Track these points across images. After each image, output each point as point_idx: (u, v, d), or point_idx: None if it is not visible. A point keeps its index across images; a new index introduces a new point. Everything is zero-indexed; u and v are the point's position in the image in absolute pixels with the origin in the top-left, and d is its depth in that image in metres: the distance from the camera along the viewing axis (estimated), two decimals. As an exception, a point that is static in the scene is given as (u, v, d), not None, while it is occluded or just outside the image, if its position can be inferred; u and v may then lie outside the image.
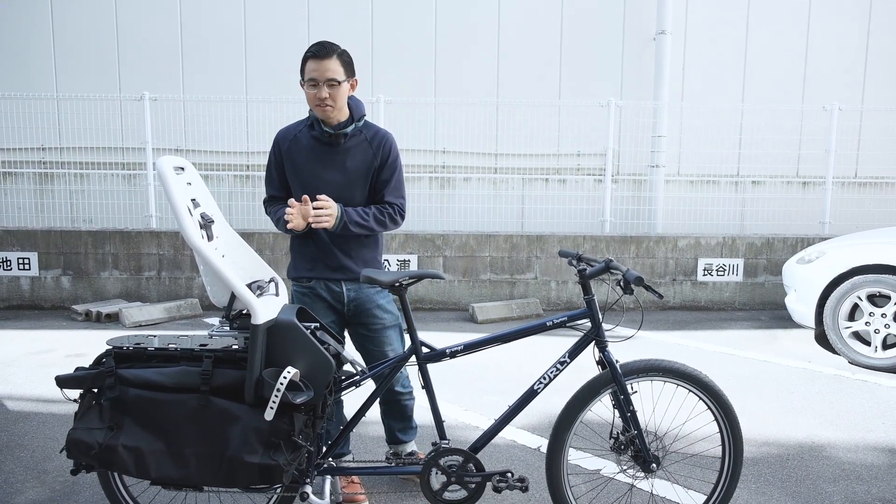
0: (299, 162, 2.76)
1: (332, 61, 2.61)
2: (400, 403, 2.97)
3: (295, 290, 2.87)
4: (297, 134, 2.80)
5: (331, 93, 2.62)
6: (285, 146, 2.79)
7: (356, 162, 2.77)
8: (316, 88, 2.62)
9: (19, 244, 6.90)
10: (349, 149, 2.76)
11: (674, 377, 2.42)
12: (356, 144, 2.77)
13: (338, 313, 2.84)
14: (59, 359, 5.07)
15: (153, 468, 2.11)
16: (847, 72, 8.30)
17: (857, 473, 3.25)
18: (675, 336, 6.01)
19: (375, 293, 2.83)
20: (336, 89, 2.63)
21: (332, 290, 2.79)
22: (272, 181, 2.85)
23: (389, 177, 2.82)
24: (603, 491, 3.00)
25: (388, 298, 2.88)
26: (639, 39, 8.12)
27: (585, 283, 2.45)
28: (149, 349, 2.20)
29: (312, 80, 2.62)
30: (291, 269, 2.89)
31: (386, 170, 2.81)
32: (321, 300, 2.81)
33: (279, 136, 2.84)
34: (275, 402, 2.06)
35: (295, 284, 2.88)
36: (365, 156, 2.78)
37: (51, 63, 7.96)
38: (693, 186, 8.09)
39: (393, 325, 2.88)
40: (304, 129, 2.80)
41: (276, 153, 2.82)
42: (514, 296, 7.15)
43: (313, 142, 2.76)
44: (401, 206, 2.86)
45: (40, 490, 3.01)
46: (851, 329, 5.13)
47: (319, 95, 2.62)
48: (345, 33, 7.90)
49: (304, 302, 2.81)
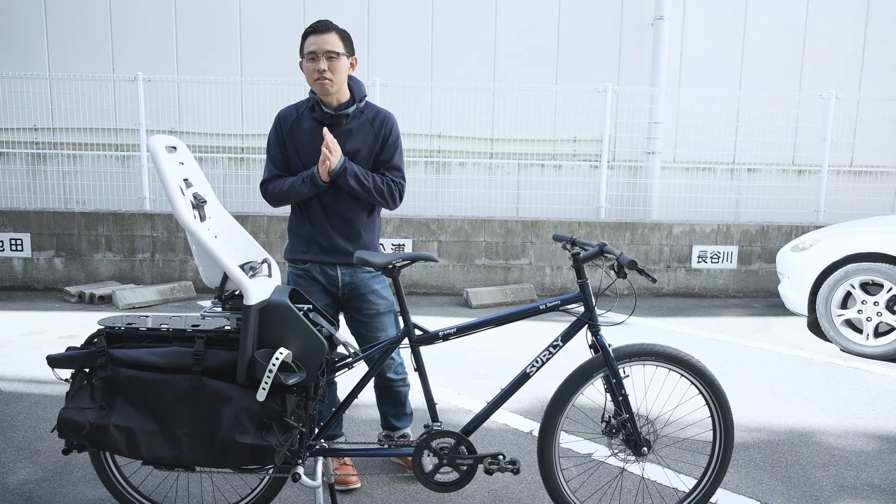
0: (302, 142, 2.74)
1: (331, 35, 2.63)
2: (393, 390, 2.97)
3: (290, 272, 2.86)
4: (298, 115, 2.78)
5: (329, 65, 2.61)
6: (287, 126, 2.78)
7: (358, 143, 2.76)
8: (315, 62, 2.62)
9: (11, 225, 6.86)
10: (351, 130, 2.75)
11: (666, 361, 2.43)
12: (358, 125, 2.76)
13: (332, 296, 2.83)
14: (52, 340, 5.06)
15: (145, 448, 2.11)
16: (845, 60, 8.28)
17: (847, 459, 3.27)
18: (669, 322, 6.03)
19: (370, 278, 2.82)
20: (335, 62, 2.62)
21: (327, 274, 2.78)
22: (275, 161, 2.81)
23: (390, 157, 2.82)
24: (594, 474, 3.01)
25: (384, 284, 2.87)
26: (636, 25, 8.08)
27: (579, 266, 2.45)
28: (141, 329, 2.20)
29: (311, 52, 2.62)
30: (287, 251, 2.88)
31: (387, 150, 2.81)
32: (316, 283, 2.80)
33: (281, 116, 2.82)
34: (267, 383, 2.06)
35: (290, 266, 2.87)
36: (367, 136, 2.77)
37: (43, 41, 7.88)
38: (689, 173, 8.08)
39: (387, 311, 2.87)
40: (305, 111, 2.78)
41: (278, 132, 2.79)
42: (508, 281, 7.15)
43: (315, 123, 2.74)
44: (401, 185, 2.85)
45: (32, 470, 3.01)
46: (844, 317, 5.15)
47: (318, 67, 2.61)
48: (341, 15, 7.78)
49: (299, 284, 2.80)
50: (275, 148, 2.81)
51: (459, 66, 8.02)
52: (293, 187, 2.72)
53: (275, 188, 2.78)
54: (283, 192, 2.75)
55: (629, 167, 8.02)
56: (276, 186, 2.77)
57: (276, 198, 2.79)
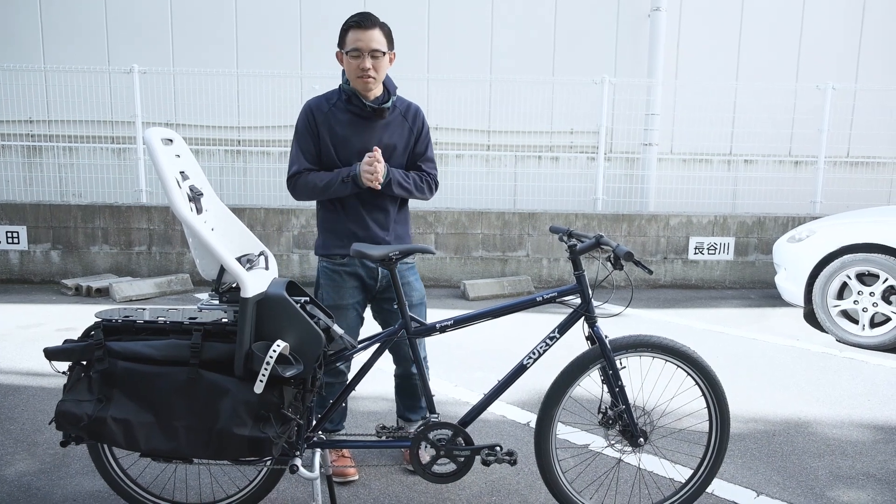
0: (339, 134, 2.70)
1: (376, 31, 2.61)
2: (411, 381, 2.99)
3: (324, 267, 2.81)
4: (331, 107, 2.71)
5: (374, 63, 2.60)
6: (321, 117, 2.70)
7: (395, 137, 2.77)
8: (359, 59, 2.59)
9: (8, 218, 6.84)
10: (388, 123, 2.75)
11: (662, 353, 2.44)
12: (393, 119, 2.78)
13: (367, 291, 2.82)
14: (49, 333, 5.06)
15: (142, 440, 2.12)
16: (841, 51, 8.27)
17: (842, 449, 3.29)
18: (666, 314, 6.04)
19: (407, 269, 2.85)
20: (379, 60, 2.62)
21: (367, 266, 2.77)
22: (306, 153, 2.71)
23: (424, 149, 2.85)
24: (591, 465, 3.03)
25: (416, 276, 2.90)
26: (633, 16, 8.05)
27: (575, 258, 2.45)
28: (138, 322, 2.20)
29: (356, 49, 2.58)
30: (321, 246, 2.82)
31: (421, 142, 2.84)
32: (354, 277, 2.77)
33: (312, 106, 2.73)
34: (264, 375, 2.06)
35: (325, 261, 2.81)
36: (402, 129, 2.79)
37: (38, 33, 7.83)
38: (686, 165, 8.08)
39: (419, 303, 2.88)
40: (338, 103, 2.71)
41: (310, 122, 2.70)
42: (505, 273, 7.16)
43: (352, 116, 2.70)
44: (434, 177, 2.89)
45: (30, 462, 3.02)
46: (840, 307, 5.16)
47: (363, 66, 2.59)
48: (337, 7, 7.80)
49: (333, 280, 2.78)
50: (306, 140, 2.71)
51: (456, 57, 7.99)
52: (330, 185, 2.66)
53: (307, 183, 2.69)
54: (317, 188, 2.68)
55: (626, 159, 8.01)
56: (308, 181, 2.69)
57: (308, 193, 2.71)
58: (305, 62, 7.79)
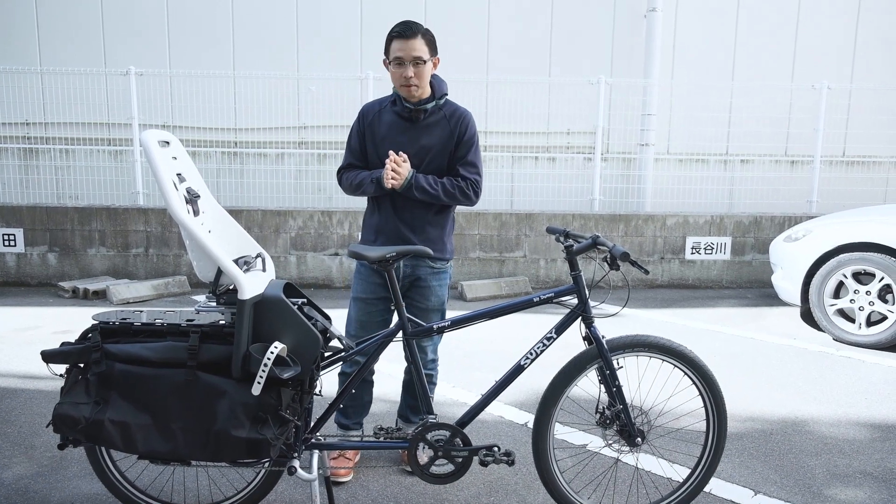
0: (380, 134, 2.84)
1: (418, 41, 2.71)
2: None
3: (358, 262, 2.93)
4: (381, 109, 2.90)
5: (416, 71, 2.70)
6: (369, 119, 2.89)
7: (434, 138, 2.83)
8: (402, 67, 2.70)
9: (4, 220, 6.83)
10: (429, 125, 2.83)
11: (659, 353, 2.44)
12: (436, 121, 2.85)
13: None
14: (46, 335, 5.05)
15: (140, 442, 2.12)
16: (837, 51, 8.29)
17: (839, 447, 3.30)
18: (663, 314, 6.05)
19: (431, 273, 2.89)
20: (421, 68, 2.72)
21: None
22: (353, 151, 2.92)
23: (465, 153, 2.88)
24: (589, 465, 3.03)
25: (442, 282, 2.94)
26: (630, 17, 8.07)
27: (572, 258, 2.46)
28: (135, 324, 2.20)
29: (399, 58, 2.70)
30: (358, 239, 2.95)
31: (462, 146, 2.87)
32: (378, 274, 2.86)
33: (365, 109, 2.93)
34: (262, 377, 2.06)
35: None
36: (443, 132, 2.85)
37: (34, 35, 7.82)
38: (682, 165, 8.09)
39: (437, 308, 2.94)
40: (387, 105, 2.89)
41: (360, 124, 2.91)
42: (502, 274, 7.16)
43: (395, 116, 2.84)
44: (474, 182, 2.90)
45: (28, 465, 3.01)
46: (836, 306, 5.18)
47: (405, 74, 2.70)
48: (334, 9, 7.81)
49: (361, 272, 2.90)
50: (354, 139, 2.92)
51: (452, 58, 7.97)
52: (362, 183, 2.83)
53: (348, 178, 2.90)
54: (353, 184, 2.87)
55: (623, 159, 8.02)
56: (349, 177, 2.89)
57: (347, 188, 2.91)
58: (302, 64, 7.78)
